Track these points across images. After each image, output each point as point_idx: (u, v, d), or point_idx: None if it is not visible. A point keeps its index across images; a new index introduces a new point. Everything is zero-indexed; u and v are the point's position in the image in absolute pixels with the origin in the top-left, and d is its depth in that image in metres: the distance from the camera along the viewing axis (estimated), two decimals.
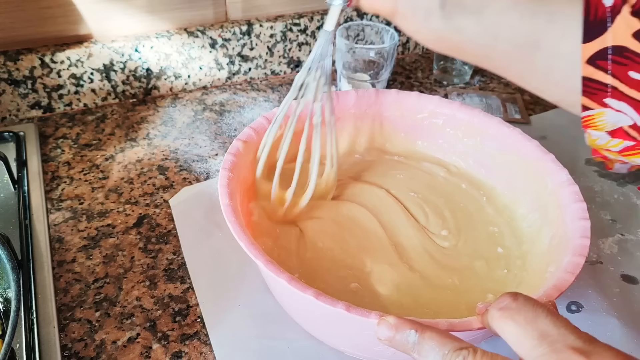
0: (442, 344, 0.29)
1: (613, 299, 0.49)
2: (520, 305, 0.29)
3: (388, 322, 0.31)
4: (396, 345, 0.31)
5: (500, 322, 0.29)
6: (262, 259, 0.37)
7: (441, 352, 0.28)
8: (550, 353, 0.26)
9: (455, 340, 0.29)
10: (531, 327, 0.27)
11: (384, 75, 0.71)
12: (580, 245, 0.39)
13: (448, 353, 0.28)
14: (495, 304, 0.29)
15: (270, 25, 0.74)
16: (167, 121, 0.69)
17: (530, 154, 0.49)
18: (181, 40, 0.70)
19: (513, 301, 0.29)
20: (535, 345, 0.27)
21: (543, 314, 0.28)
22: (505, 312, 0.29)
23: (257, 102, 0.73)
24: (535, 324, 0.27)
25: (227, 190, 0.42)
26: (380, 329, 0.31)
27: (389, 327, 0.31)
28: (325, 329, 0.41)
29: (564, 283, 0.36)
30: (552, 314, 0.28)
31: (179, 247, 0.52)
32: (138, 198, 0.58)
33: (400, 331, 0.31)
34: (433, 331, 0.30)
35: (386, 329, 0.31)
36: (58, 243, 0.52)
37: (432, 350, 0.29)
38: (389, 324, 0.31)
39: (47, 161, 0.61)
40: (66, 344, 0.44)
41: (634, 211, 0.59)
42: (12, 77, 0.64)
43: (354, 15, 0.78)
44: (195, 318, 0.46)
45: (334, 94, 0.53)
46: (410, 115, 0.56)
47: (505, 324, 0.28)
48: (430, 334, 0.30)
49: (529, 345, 0.27)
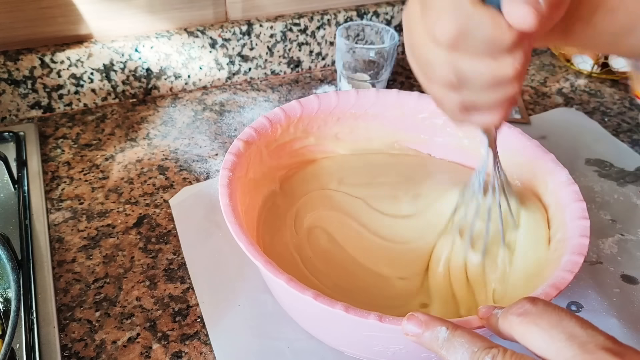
0: (472, 342, 0.28)
1: (613, 299, 0.49)
2: (541, 310, 0.28)
3: (418, 318, 0.31)
4: (423, 342, 0.30)
5: (522, 328, 0.28)
6: (261, 260, 0.37)
7: (470, 350, 0.28)
8: (583, 354, 0.26)
9: (486, 340, 0.29)
10: (557, 331, 0.27)
11: (384, 75, 0.71)
12: (579, 244, 0.39)
13: (477, 351, 0.28)
14: (513, 310, 0.29)
15: (270, 25, 0.74)
16: (167, 121, 0.69)
17: (531, 153, 0.49)
18: (181, 40, 0.70)
19: (533, 306, 0.28)
20: (564, 347, 0.26)
21: (567, 317, 0.27)
22: (526, 318, 0.28)
23: (257, 102, 0.73)
24: (560, 327, 0.27)
25: (227, 190, 0.42)
26: (409, 325, 0.31)
27: (418, 323, 0.31)
28: (325, 329, 0.41)
29: (562, 282, 0.36)
30: (576, 316, 0.27)
31: (179, 247, 0.52)
32: (138, 198, 0.58)
33: (430, 328, 0.30)
34: (464, 330, 0.29)
35: (415, 326, 0.31)
36: (58, 243, 0.52)
37: (461, 346, 0.29)
38: (419, 320, 0.31)
39: (47, 161, 0.61)
40: (66, 344, 0.44)
41: (634, 211, 0.59)
42: (12, 77, 0.64)
43: (354, 15, 0.78)
44: (195, 318, 0.46)
45: (334, 94, 0.53)
46: (410, 115, 0.56)
47: (528, 330, 0.28)
48: (461, 332, 0.29)
49: (557, 348, 0.26)
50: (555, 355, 0.26)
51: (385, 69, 0.70)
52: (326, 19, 0.77)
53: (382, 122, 0.56)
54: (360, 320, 0.33)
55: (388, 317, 0.33)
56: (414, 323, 0.31)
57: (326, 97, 0.53)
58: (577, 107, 0.76)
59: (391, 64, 0.70)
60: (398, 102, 0.55)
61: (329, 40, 0.79)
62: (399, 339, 0.35)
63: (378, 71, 0.70)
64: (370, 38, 0.73)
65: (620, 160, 0.65)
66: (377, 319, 0.33)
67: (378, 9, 0.79)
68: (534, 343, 0.27)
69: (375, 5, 0.80)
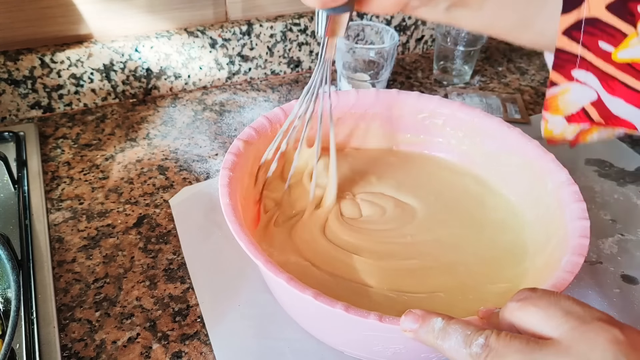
0: (466, 327, 0.29)
1: (613, 300, 0.49)
2: (541, 294, 0.29)
3: (415, 313, 0.31)
4: (420, 337, 0.31)
5: (520, 312, 0.29)
6: (261, 259, 0.37)
7: (464, 334, 0.29)
8: (580, 326, 0.26)
9: (479, 325, 0.29)
10: (554, 308, 0.27)
11: (384, 75, 0.71)
12: (579, 245, 0.39)
13: (471, 334, 0.28)
14: (514, 298, 0.30)
15: (270, 25, 0.74)
16: (167, 121, 0.69)
17: (531, 153, 0.49)
18: (181, 40, 0.70)
19: (533, 292, 0.29)
20: (562, 322, 0.27)
21: (564, 298, 0.28)
22: (525, 302, 0.29)
23: (257, 102, 0.73)
24: (558, 305, 0.28)
25: (227, 190, 0.42)
26: (406, 321, 0.31)
27: (415, 318, 0.31)
28: (325, 329, 0.41)
29: (562, 282, 0.36)
30: (573, 298, 0.28)
31: (179, 247, 0.52)
32: (138, 198, 0.58)
33: (426, 321, 0.31)
34: (458, 320, 0.30)
35: (412, 321, 0.31)
36: (58, 243, 0.52)
37: (455, 332, 0.29)
38: (416, 315, 0.31)
39: (47, 161, 0.61)
40: (66, 344, 0.44)
41: (634, 211, 0.59)
42: (12, 77, 0.64)
43: (354, 15, 0.78)
44: (195, 318, 0.46)
45: (333, 94, 0.53)
46: (410, 115, 0.56)
47: (526, 312, 0.28)
48: (455, 321, 0.30)
49: (555, 323, 0.27)
50: (553, 329, 0.27)
51: (385, 69, 0.70)
52: None
53: (382, 122, 0.56)
54: (360, 319, 0.33)
55: (388, 316, 0.33)
56: (411, 318, 0.31)
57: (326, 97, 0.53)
58: None
59: (391, 64, 0.70)
60: (398, 102, 0.55)
61: None
62: (399, 338, 0.35)
63: (378, 71, 0.70)
64: (370, 38, 0.73)
65: (620, 160, 0.65)
66: (377, 318, 0.33)
67: None
68: (532, 321, 0.28)
69: None
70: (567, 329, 0.26)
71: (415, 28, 0.84)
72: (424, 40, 0.87)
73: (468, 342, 0.28)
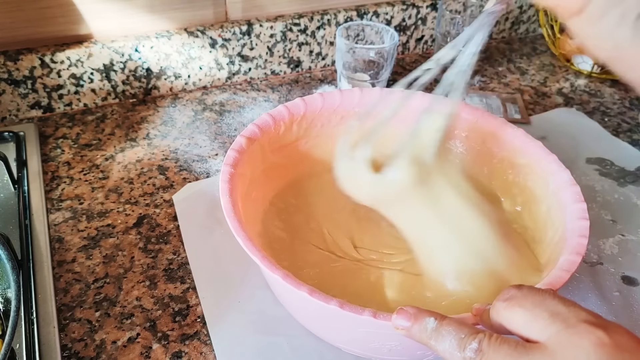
0: (459, 329, 0.29)
1: (612, 303, 0.49)
2: (526, 293, 0.29)
3: (407, 311, 0.31)
4: (413, 335, 0.31)
5: (507, 312, 0.29)
6: (258, 255, 0.37)
7: (458, 337, 0.29)
8: (566, 329, 0.26)
9: (473, 327, 0.29)
10: (540, 309, 0.27)
11: (384, 75, 0.71)
12: (577, 244, 0.39)
13: (465, 337, 0.28)
14: (500, 297, 0.29)
15: (270, 25, 0.74)
16: (167, 121, 0.69)
17: (533, 154, 0.49)
18: (181, 40, 0.70)
19: (518, 291, 0.29)
20: (547, 325, 0.27)
21: (550, 297, 0.28)
22: (511, 302, 0.29)
23: (257, 102, 0.73)
24: (543, 305, 0.28)
25: (228, 186, 0.42)
26: (398, 319, 0.31)
27: (407, 316, 0.31)
28: (322, 325, 0.41)
29: (559, 281, 0.36)
30: (559, 296, 0.28)
31: (179, 247, 0.52)
32: (138, 198, 0.58)
33: (419, 320, 0.30)
34: (451, 319, 0.30)
35: (404, 319, 0.31)
36: (58, 243, 0.52)
37: (448, 334, 0.29)
38: (408, 313, 0.31)
39: (47, 161, 0.61)
40: (66, 344, 0.44)
41: (634, 211, 0.58)
42: (12, 77, 0.64)
43: (354, 15, 0.78)
44: (195, 318, 0.46)
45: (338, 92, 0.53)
46: (413, 114, 0.55)
47: (513, 312, 0.28)
48: (448, 322, 0.30)
49: (541, 325, 0.27)
50: (539, 333, 0.27)
51: (385, 69, 0.70)
52: (326, 19, 0.77)
53: None
54: (355, 316, 0.33)
55: (382, 313, 0.33)
56: (403, 316, 0.31)
57: (330, 95, 0.53)
58: (577, 107, 0.76)
59: (391, 64, 0.70)
60: (402, 101, 0.55)
61: (329, 40, 0.79)
62: (394, 335, 0.35)
63: (378, 71, 0.70)
64: (370, 38, 0.73)
65: (620, 160, 0.65)
66: (372, 315, 0.33)
67: (378, 9, 0.79)
68: (519, 322, 0.28)
69: (375, 5, 0.80)
70: (553, 333, 0.26)
71: (415, 28, 0.84)
72: (424, 40, 0.87)
73: (462, 346, 0.28)
